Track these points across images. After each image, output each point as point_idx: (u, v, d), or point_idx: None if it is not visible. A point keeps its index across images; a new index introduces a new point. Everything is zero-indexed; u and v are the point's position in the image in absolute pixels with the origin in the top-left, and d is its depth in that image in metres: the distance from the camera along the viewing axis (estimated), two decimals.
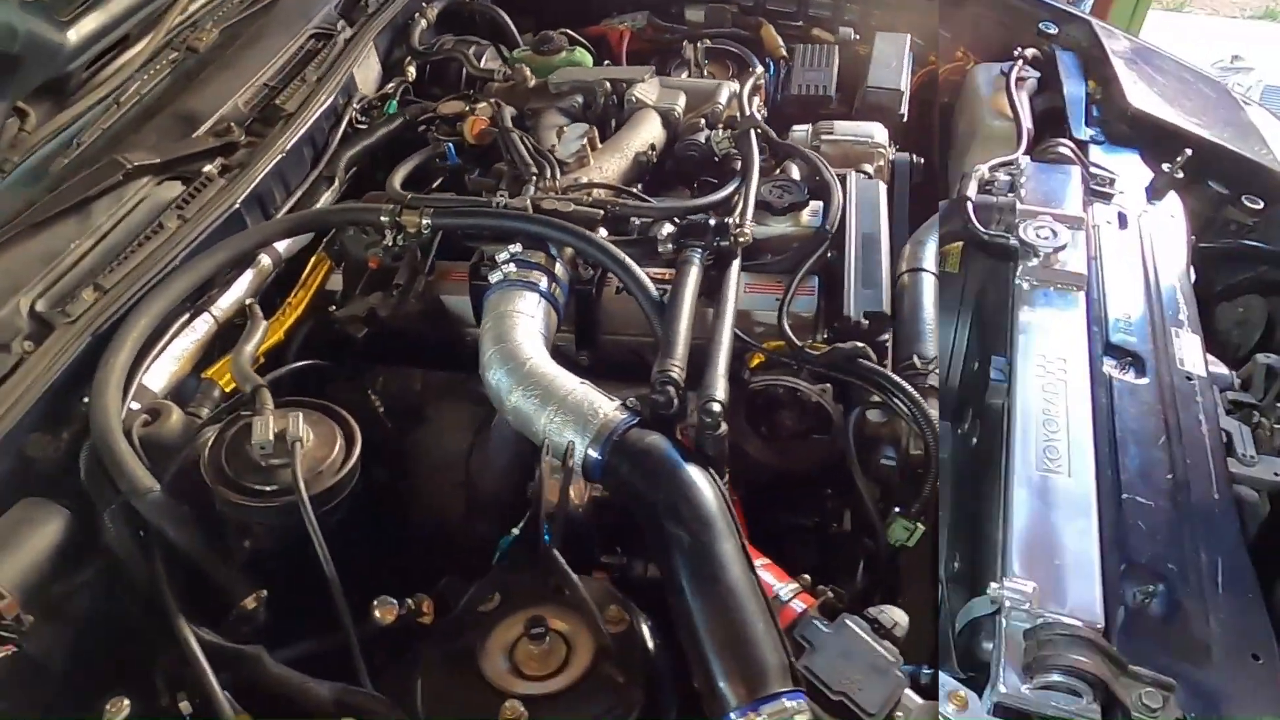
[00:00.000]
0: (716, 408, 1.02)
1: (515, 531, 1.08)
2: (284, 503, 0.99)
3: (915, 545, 1.10)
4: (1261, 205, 1.53)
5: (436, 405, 1.39)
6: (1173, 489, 1.03)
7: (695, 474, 0.99)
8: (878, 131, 1.71)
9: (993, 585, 0.89)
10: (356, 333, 1.37)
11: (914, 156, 1.76)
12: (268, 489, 1.01)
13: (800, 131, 1.74)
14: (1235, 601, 0.92)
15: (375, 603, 0.96)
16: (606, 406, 1.06)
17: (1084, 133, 1.65)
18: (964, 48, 2.01)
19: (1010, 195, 1.39)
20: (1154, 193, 1.54)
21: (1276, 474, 1.08)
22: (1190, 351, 1.26)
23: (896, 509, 1.12)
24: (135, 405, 1.09)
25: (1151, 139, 1.60)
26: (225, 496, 1.02)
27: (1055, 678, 0.84)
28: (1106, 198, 1.50)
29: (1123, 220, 1.43)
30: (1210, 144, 1.58)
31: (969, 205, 1.39)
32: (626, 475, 1.02)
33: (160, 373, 1.17)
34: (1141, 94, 1.65)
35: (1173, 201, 1.54)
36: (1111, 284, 1.30)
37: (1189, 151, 1.47)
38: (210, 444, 1.05)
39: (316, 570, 0.95)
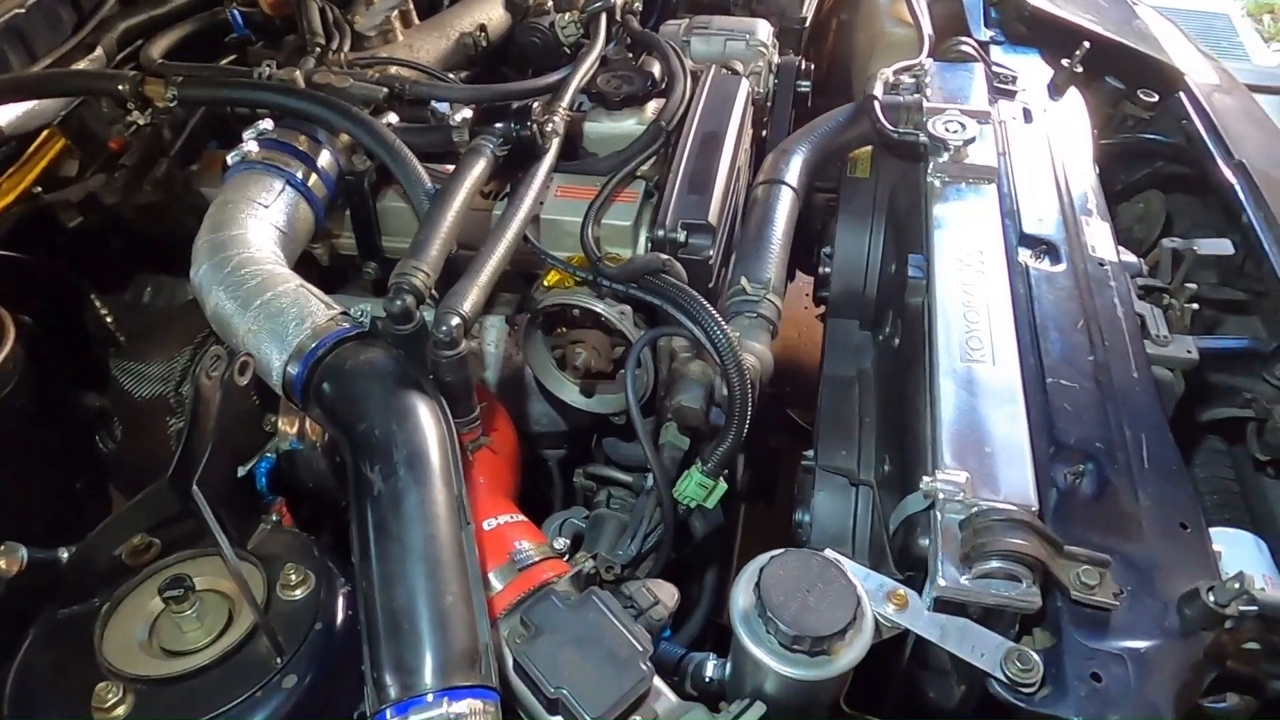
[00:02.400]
0: (454, 321, 0.96)
1: (241, 471, 1.02)
2: None
3: (715, 506, 1.11)
4: (1156, 98, 1.79)
5: (165, 316, 1.33)
6: (1095, 371, 1.14)
7: (412, 404, 0.92)
8: (760, 28, 1.74)
9: (925, 479, 0.97)
10: (68, 221, 1.31)
11: (804, 61, 1.82)
12: None
13: (673, 26, 1.76)
14: (1161, 475, 1.04)
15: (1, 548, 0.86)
16: (320, 314, 0.99)
17: (984, 34, 1.89)
18: None
19: (916, 95, 1.54)
20: (1055, 89, 1.79)
21: (1189, 352, 1.27)
22: (1101, 239, 1.44)
23: (698, 463, 1.10)
24: None
25: (1050, 38, 1.84)
26: None
27: (994, 564, 0.89)
28: (1010, 95, 1.68)
29: (1028, 115, 1.62)
30: (1106, 39, 1.80)
31: (876, 105, 1.49)
32: (330, 401, 0.95)
33: None
34: None
35: (1074, 97, 1.73)
36: (1021, 177, 1.46)
37: (1087, 45, 1.70)
38: None
39: None
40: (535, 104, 1.30)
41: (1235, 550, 1.19)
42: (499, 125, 1.26)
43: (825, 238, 1.70)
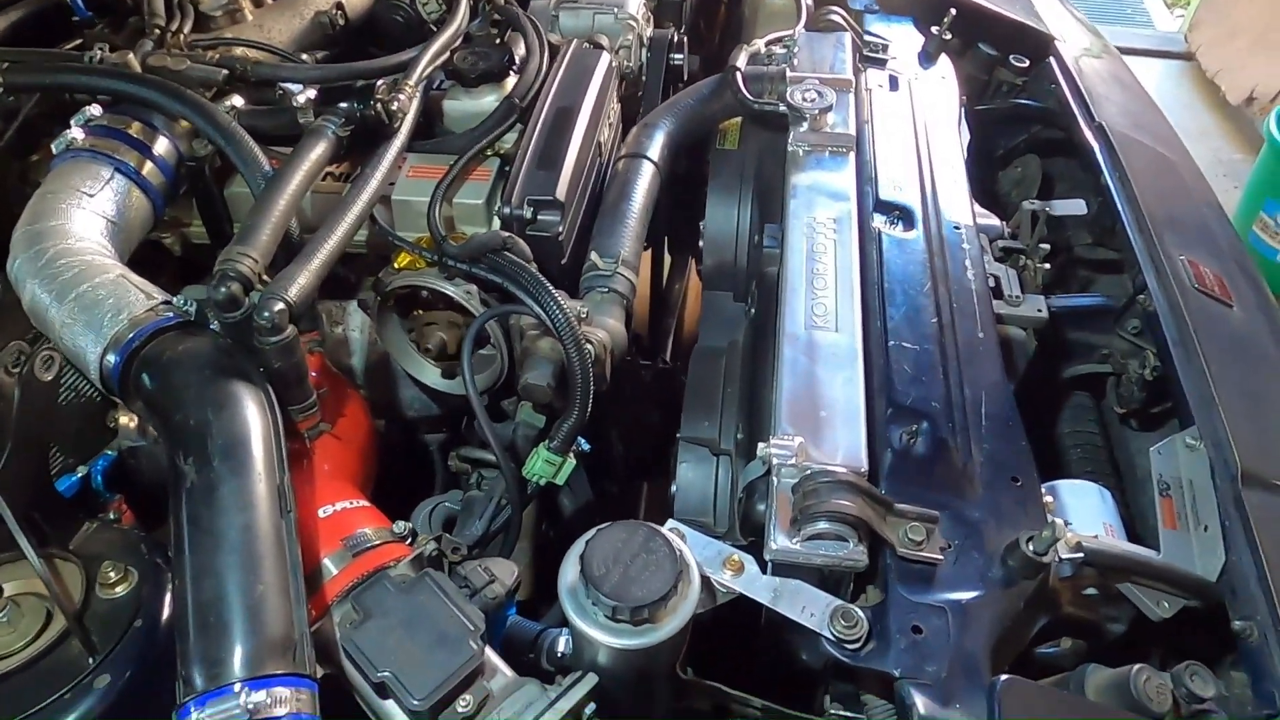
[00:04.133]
0: (277, 306, 0.94)
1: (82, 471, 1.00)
2: None
3: (581, 483, 1.14)
4: (1028, 64, 1.82)
5: None
6: (938, 333, 1.16)
7: (231, 392, 0.90)
8: (630, 2, 1.71)
9: (761, 445, 0.99)
10: None
11: (676, 34, 1.79)
12: None
13: (544, 1, 1.73)
14: (996, 432, 1.07)
15: None
16: (138, 304, 0.96)
17: (859, 3, 1.93)
18: None
19: (781, 66, 1.54)
20: (926, 57, 1.85)
21: (1039, 310, 1.30)
22: (958, 203, 1.53)
23: (545, 441, 1.11)
24: None
25: (923, 6, 1.85)
26: None
27: (822, 525, 0.93)
28: (880, 64, 1.70)
29: (893, 83, 1.64)
30: (976, 6, 1.84)
31: (738, 76, 1.50)
32: (149, 392, 0.92)
33: None
34: None
35: (944, 65, 1.75)
36: (882, 145, 1.48)
37: (954, 11, 1.72)
38: None
39: None
40: (380, 83, 1.26)
41: (1080, 501, 1.23)
42: (342, 105, 1.23)
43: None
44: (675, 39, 1.72)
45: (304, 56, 1.47)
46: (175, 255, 1.39)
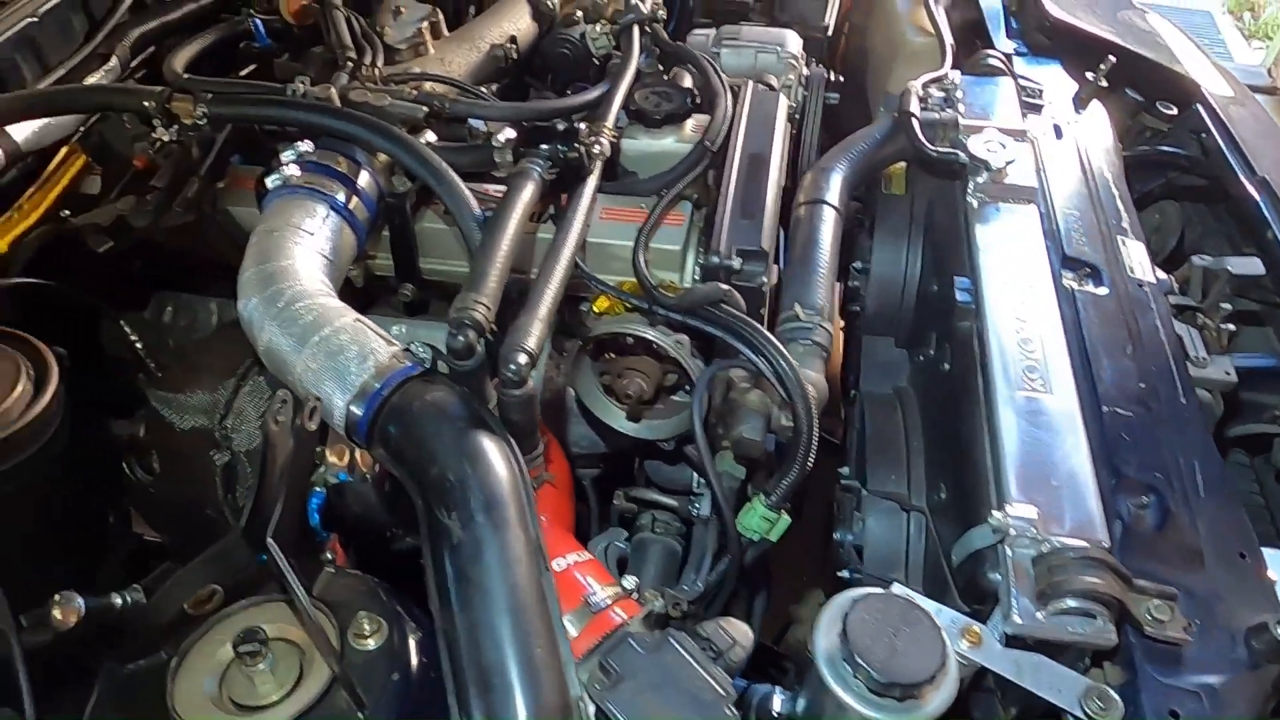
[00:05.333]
0: (522, 359, 0.94)
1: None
2: None
3: (779, 540, 1.09)
4: (1174, 111, 1.81)
5: (206, 345, 1.29)
6: (1145, 397, 1.15)
7: (484, 446, 0.90)
8: (790, 40, 1.72)
9: (994, 514, 0.97)
10: (97, 246, 1.26)
11: (832, 73, 1.80)
12: None
13: (700, 36, 1.73)
14: (1215, 503, 1.05)
15: (55, 599, 0.84)
16: (381, 351, 0.96)
17: (1006, 44, 1.89)
18: None
19: (949, 111, 1.52)
20: (1080, 102, 1.85)
21: (1227, 373, 1.27)
22: (1138, 258, 1.49)
23: (760, 495, 1.09)
24: None
25: (1070, 48, 1.85)
26: None
27: (1070, 603, 0.90)
28: (1037, 109, 1.68)
29: (1058, 131, 1.62)
30: (1126, 51, 1.81)
31: (914, 122, 1.47)
32: (397, 443, 0.92)
33: None
34: (1058, 2, 1.93)
35: (1097, 110, 1.73)
36: (1058, 196, 1.46)
37: (1113, 59, 1.69)
38: None
39: None
40: (582, 125, 1.26)
41: None
42: (545, 147, 1.23)
43: (853, 251, 1.69)
44: (831, 77, 1.71)
45: (482, 89, 1.47)
46: (356, 287, 1.40)
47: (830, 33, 1.96)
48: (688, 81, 1.58)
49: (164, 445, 1.21)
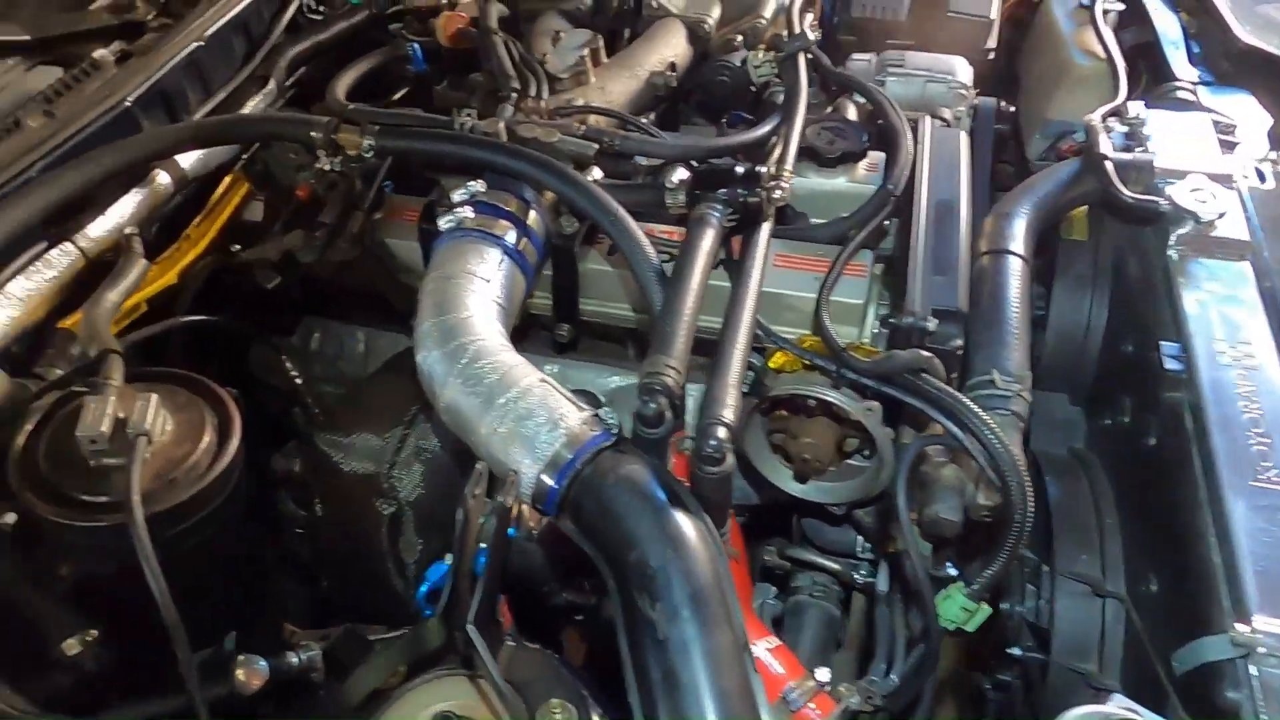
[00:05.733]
0: (722, 434, 0.88)
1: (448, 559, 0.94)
2: (115, 522, 0.86)
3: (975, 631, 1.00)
4: None
5: (371, 388, 1.26)
6: None
7: (685, 531, 0.84)
8: (960, 68, 1.60)
9: (1238, 627, 0.89)
10: (266, 282, 1.25)
11: (1002, 102, 1.68)
12: (96, 500, 0.89)
13: (861, 62, 1.63)
14: None
15: (239, 660, 0.85)
16: (572, 418, 0.91)
17: (1190, 72, 1.70)
18: None
19: (1143, 151, 1.38)
20: (1276, 139, 1.71)
21: None
22: None
23: (959, 581, 1.01)
24: None
25: (1263, 76, 1.66)
26: (34, 507, 0.87)
27: None
28: (1231, 146, 1.50)
29: (1260, 175, 1.45)
30: None
31: (1109, 165, 1.32)
32: (590, 518, 0.88)
33: None
34: (1247, 25, 1.72)
35: None
36: (1272, 250, 1.30)
37: None
38: (29, 431, 0.92)
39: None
40: (762, 169, 1.18)
41: None
42: (723, 192, 1.16)
43: None
44: (1002, 107, 1.60)
45: (643, 121, 1.41)
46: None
47: (992, 55, 1.83)
48: (852, 113, 1.50)
49: (327, 488, 1.18)
